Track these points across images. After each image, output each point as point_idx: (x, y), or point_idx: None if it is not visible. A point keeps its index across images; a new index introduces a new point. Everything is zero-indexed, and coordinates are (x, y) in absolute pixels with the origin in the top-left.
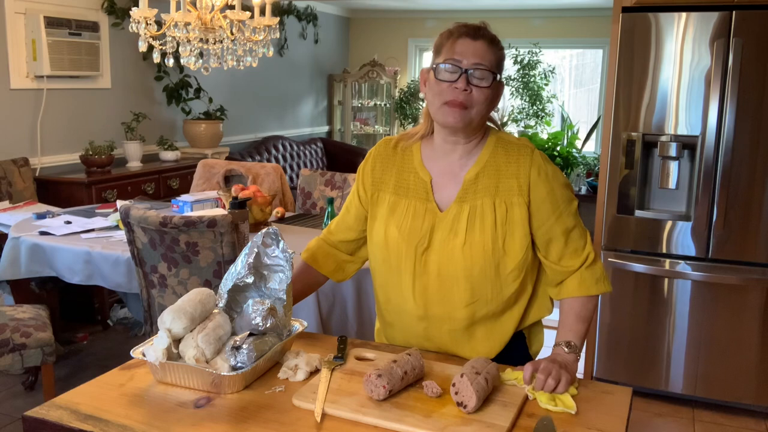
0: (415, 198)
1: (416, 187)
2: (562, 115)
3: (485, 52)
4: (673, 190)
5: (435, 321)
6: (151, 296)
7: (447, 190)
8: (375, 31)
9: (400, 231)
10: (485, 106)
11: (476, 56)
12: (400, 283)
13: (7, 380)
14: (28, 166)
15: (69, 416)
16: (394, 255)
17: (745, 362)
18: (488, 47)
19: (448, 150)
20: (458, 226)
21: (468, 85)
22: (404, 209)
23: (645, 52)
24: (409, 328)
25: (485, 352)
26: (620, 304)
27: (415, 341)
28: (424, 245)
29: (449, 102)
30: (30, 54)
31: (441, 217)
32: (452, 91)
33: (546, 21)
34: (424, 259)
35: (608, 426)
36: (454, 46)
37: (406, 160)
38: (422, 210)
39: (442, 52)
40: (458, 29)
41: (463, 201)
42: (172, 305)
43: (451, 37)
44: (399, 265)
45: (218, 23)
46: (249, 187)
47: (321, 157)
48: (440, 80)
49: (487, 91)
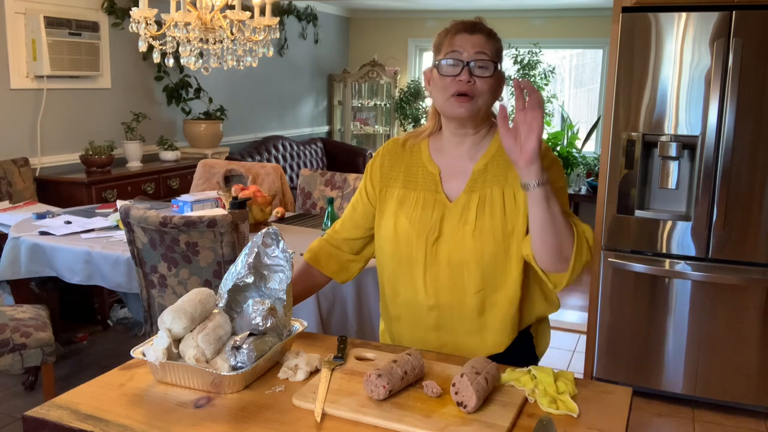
0: (424, 190)
1: (425, 180)
2: (562, 115)
3: (484, 44)
4: (673, 190)
5: (446, 309)
6: (151, 296)
7: (456, 182)
8: (375, 31)
9: (411, 222)
10: (490, 95)
11: (476, 47)
12: (411, 275)
13: (7, 380)
14: (28, 166)
15: (69, 416)
16: (405, 246)
17: (745, 362)
18: (486, 39)
19: (457, 142)
20: (468, 215)
21: (471, 77)
22: (413, 201)
23: (645, 52)
24: (419, 319)
25: (495, 344)
26: (620, 304)
27: (424, 334)
28: (434, 235)
29: (455, 94)
30: (30, 54)
31: (450, 207)
32: (456, 84)
33: (546, 21)
34: (435, 249)
35: (608, 426)
36: (453, 41)
37: (414, 155)
38: (431, 201)
39: (442, 49)
40: (455, 26)
41: (472, 191)
42: (172, 305)
43: (449, 33)
44: (410, 256)
45: (218, 23)
46: (249, 187)
47: (321, 157)
48: (444, 75)
49: (491, 81)
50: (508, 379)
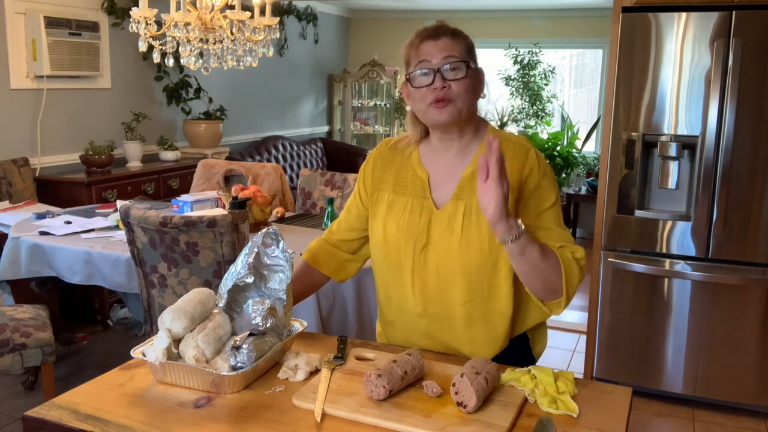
0: (412, 195)
1: (414, 185)
2: (562, 115)
3: (451, 46)
4: (673, 190)
5: (435, 318)
6: (151, 296)
7: (444, 188)
8: (375, 31)
9: (399, 227)
10: (468, 96)
11: (444, 52)
12: (401, 280)
13: (7, 380)
14: (28, 166)
15: (69, 416)
16: (394, 251)
17: (745, 362)
18: (452, 41)
19: (445, 147)
20: (454, 223)
21: (444, 82)
22: (402, 206)
23: (645, 52)
24: (411, 326)
25: (488, 353)
26: (620, 304)
27: (416, 340)
28: (422, 242)
29: (432, 102)
30: (30, 54)
31: (437, 214)
32: (432, 92)
33: (546, 21)
34: (423, 256)
35: (608, 426)
36: (420, 51)
37: (404, 159)
38: (419, 207)
39: (411, 61)
40: (419, 35)
41: (459, 198)
42: (172, 305)
43: (414, 43)
44: (399, 262)
45: (218, 23)
46: (249, 187)
47: (321, 157)
48: (418, 87)
49: (466, 81)
50: (508, 379)
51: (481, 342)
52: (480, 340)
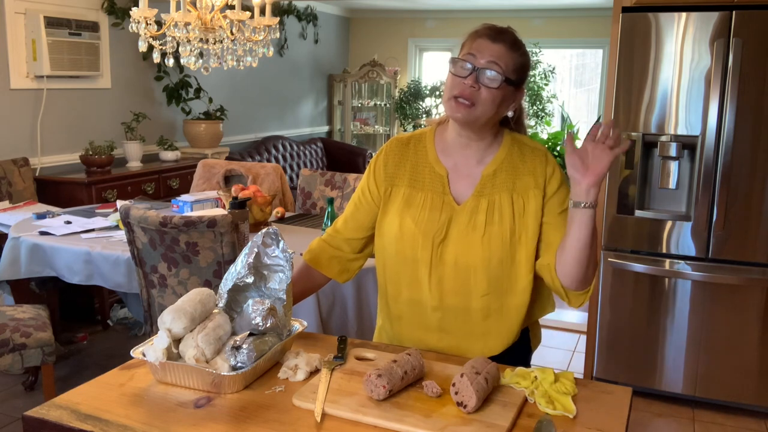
0: (431, 191)
1: (432, 181)
2: (562, 115)
3: (502, 55)
4: (673, 190)
5: (450, 311)
6: (151, 296)
7: (463, 184)
8: (375, 31)
9: (417, 223)
10: (491, 107)
11: (492, 56)
12: (416, 274)
13: (7, 380)
14: (28, 166)
15: (69, 416)
16: (409, 246)
17: (745, 362)
18: (507, 50)
19: (463, 144)
20: (477, 219)
21: (476, 83)
22: (421, 201)
23: (645, 52)
24: (422, 319)
25: (496, 347)
26: (620, 304)
27: (424, 334)
28: (441, 236)
29: (456, 96)
30: (30, 54)
31: (458, 210)
32: (460, 86)
33: (546, 21)
34: (440, 250)
35: (608, 426)
36: (473, 44)
37: (420, 154)
38: (439, 202)
39: (463, 49)
40: (482, 29)
41: (481, 195)
42: (172, 305)
43: (473, 35)
44: (414, 256)
45: (218, 23)
46: (249, 187)
47: (321, 157)
48: (453, 74)
49: (495, 92)
50: (509, 381)
51: (495, 335)
52: (494, 333)
